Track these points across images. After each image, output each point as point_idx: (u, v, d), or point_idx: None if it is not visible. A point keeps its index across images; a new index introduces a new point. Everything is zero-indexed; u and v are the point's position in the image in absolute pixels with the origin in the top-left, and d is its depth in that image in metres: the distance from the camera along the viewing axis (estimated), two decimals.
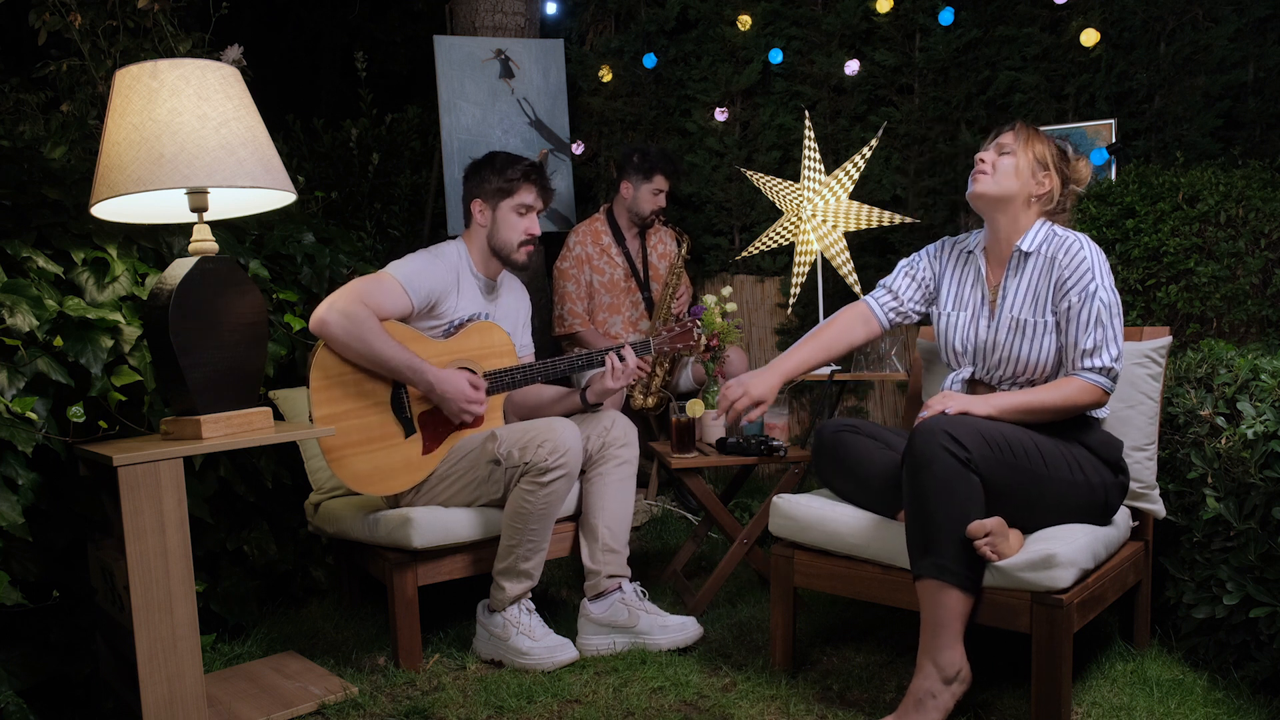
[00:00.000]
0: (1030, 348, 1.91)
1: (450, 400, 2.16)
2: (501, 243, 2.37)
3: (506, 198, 2.36)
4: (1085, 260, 1.86)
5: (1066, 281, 1.87)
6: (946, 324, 2.06)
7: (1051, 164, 1.96)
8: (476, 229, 2.39)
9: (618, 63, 4.23)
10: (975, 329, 2.00)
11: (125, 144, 1.72)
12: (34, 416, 1.83)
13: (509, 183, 2.36)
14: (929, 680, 1.69)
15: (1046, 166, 1.95)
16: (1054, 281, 1.89)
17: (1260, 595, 1.81)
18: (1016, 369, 1.94)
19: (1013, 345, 1.93)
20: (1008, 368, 1.95)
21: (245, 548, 2.40)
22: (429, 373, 2.14)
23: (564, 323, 3.47)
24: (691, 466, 2.43)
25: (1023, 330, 1.92)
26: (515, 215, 2.36)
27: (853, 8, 3.79)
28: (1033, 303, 1.92)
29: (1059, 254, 1.89)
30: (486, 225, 2.37)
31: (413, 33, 7.28)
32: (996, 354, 1.96)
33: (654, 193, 3.48)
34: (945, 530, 1.69)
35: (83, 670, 1.97)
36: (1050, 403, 1.83)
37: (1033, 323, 1.91)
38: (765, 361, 4.15)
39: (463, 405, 2.18)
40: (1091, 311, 1.83)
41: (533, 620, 2.16)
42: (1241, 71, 3.14)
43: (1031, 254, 1.94)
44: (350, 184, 4.33)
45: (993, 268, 2.02)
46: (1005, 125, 2.01)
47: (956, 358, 2.04)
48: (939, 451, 1.70)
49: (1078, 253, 1.87)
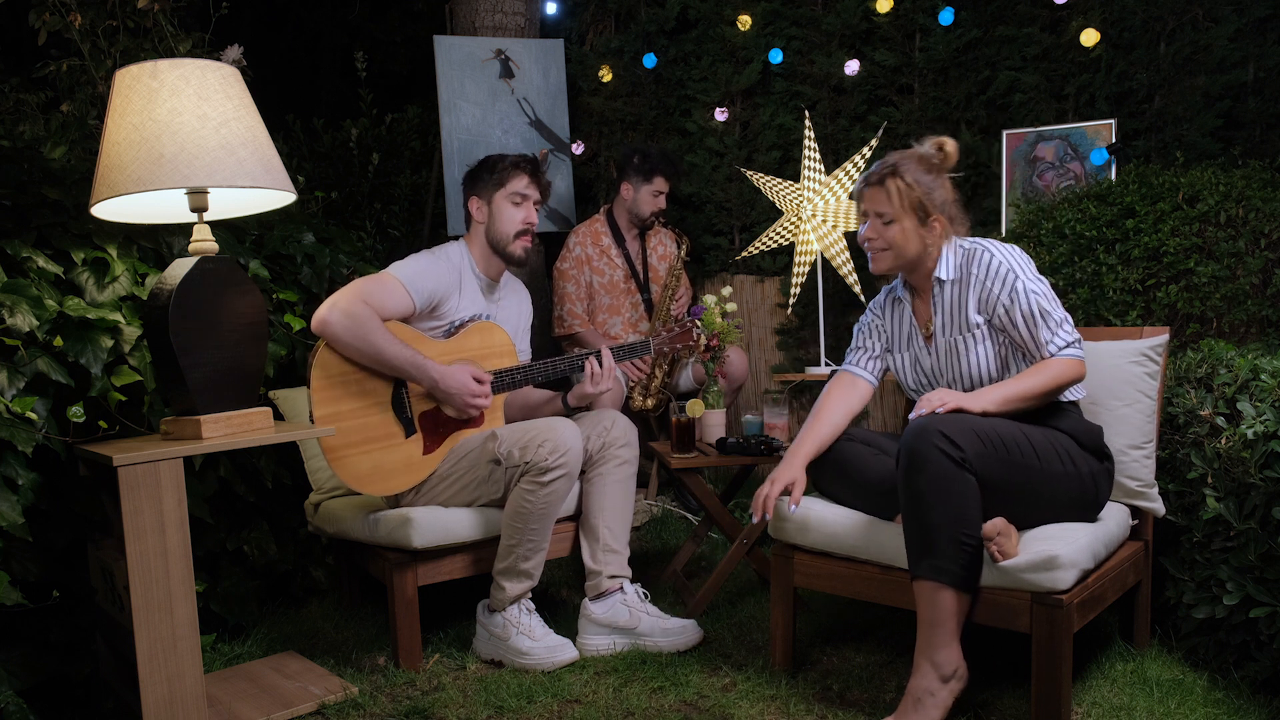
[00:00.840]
0: (968, 362, 1.94)
1: (454, 395, 2.16)
2: (499, 235, 2.36)
3: (499, 189, 2.37)
4: (1000, 264, 1.90)
5: (991, 291, 1.90)
6: (897, 367, 2.11)
7: (931, 204, 1.93)
8: (476, 227, 2.39)
9: (618, 63, 4.23)
10: (919, 364, 2.05)
11: (125, 144, 1.72)
12: (34, 416, 1.83)
13: (500, 173, 2.37)
14: (927, 679, 1.70)
15: (928, 211, 1.93)
16: (978, 297, 1.92)
17: (1260, 595, 1.81)
18: (966, 385, 1.97)
19: (954, 365, 1.97)
20: (958, 386, 1.98)
21: (245, 548, 2.40)
22: (432, 369, 2.14)
23: (564, 323, 3.47)
24: (691, 466, 2.43)
25: (955, 350, 1.95)
26: (510, 205, 2.36)
27: (853, 8, 3.79)
28: (956, 319, 1.95)
29: (974, 269, 1.93)
30: (484, 221, 2.38)
31: (413, 33, 7.28)
32: (943, 380, 2.00)
33: (654, 194, 3.48)
34: (941, 531, 1.69)
35: (83, 670, 1.97)
36: (1039, 387, 1.84)
37: (962, 339, 1.94)
38: (765, 361, 4.16)
39: (467, 400, 2.18)
40: (1030, 305, 1.86)
41: (533, 620, 2.16)
42: (1241, 71, 3.14)
43: (948, 279, 1.96)
44: (350, 184, 4.33)
45: (919, 303, 2.06)
46: (868, 178, 1.97)
47: (916, 393, 2.09)
48: (933, 452, 1.70)
49: (989, 260, 1.91)
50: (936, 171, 1.96)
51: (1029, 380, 1.86)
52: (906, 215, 1.93)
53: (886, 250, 1.96)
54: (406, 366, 2.12)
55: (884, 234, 1.96)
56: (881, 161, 1.97)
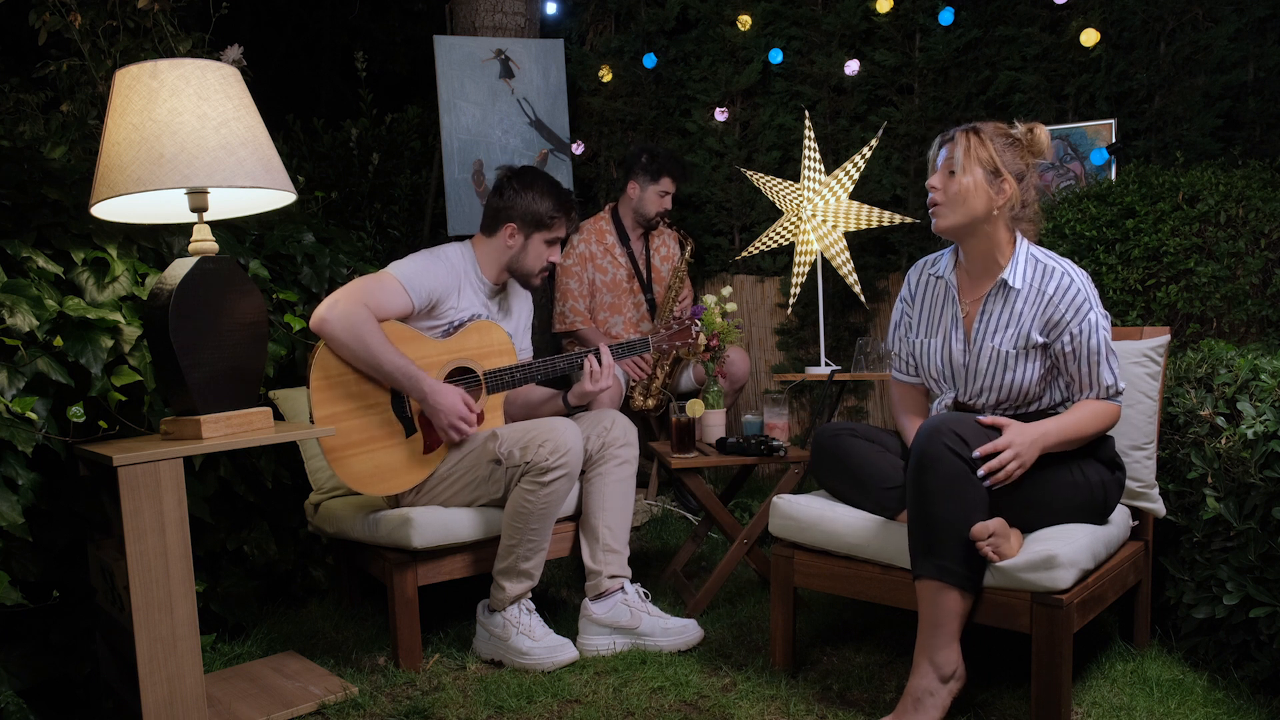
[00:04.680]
0: (1012, 376, 1.89)
1: (442, 413, 2.14)
2: (524, 269, 2.40)
3: (542, 231, 2.37)
4: (1079, 292, 1.83)
5: (1064, 316, 1.83)
6: (920, 350, 2.03)
7: (1004, 166, 1.85)
8: (500, 247, 2.38)
9: (618, 63, 4.23)
10: (948, 353, 1.97)
11: (125, 144, 1.72)
12: (34, 416, 1.83)
13: (550, 219, 2.37)
14: (926, 679, 1.70)
15: (999, 172, 1.85)
16: (1048, 319, 1.85)
17: (1260, 595, 1.81)
18: (1000, 396, 1.92)
19: (995, 375, 1.91)
20: (991, 395, 1.93)
21: (245, 548, 2.40)
22: (424, 381, 2.13)
23: (565, 319, 3.47)
24: (691, 466, 2.43)
25: (1004, 361, 1.89)
26: (544, 246, 2.39)
27: (853, 8, 3.79)
28: (1015, 334, 1.88)
29: (1048, 287, 1.85)
30: (514, 249, 2.38)
31: (413, 33, 7.28)
32: (978, 382, 1.93)
33: (660, 194, 3.48)
34: (949, 531, 1.68)
35: (83, 670, 1.97)
36: (1089, 431, 1.83)
37: (1015, 354, 1.88)
38: (765, 361, 4.16)
39: (453, 420, 2.15)
40: (1099, 341, 1.83)
41: (533, 620, 2.16)
42: (1241, 71, 3.14)
43: (1018, 288, 1.88)
44: (350, 184, 4.33)
45: (967, 289, 1.97)
46: (945, 135, 1.91)
47: (936, 384, 2.03)
48: (944, 452, 1.69)
49: (1069, 286, 1.83)
50: (1017, 148, 1.88)
51: (1083, 424, 1.82)
52: (974, 167, 1.84)
53: (946, 205, 1.86)
54: (398, 374, 2.11)
55: (948, 185, 1.87)
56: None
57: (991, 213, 1.86)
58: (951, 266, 2.00)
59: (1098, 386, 1.85)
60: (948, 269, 2.00)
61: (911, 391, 2.12)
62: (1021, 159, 1.88)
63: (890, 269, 3.87)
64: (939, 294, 2.02)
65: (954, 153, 1.87)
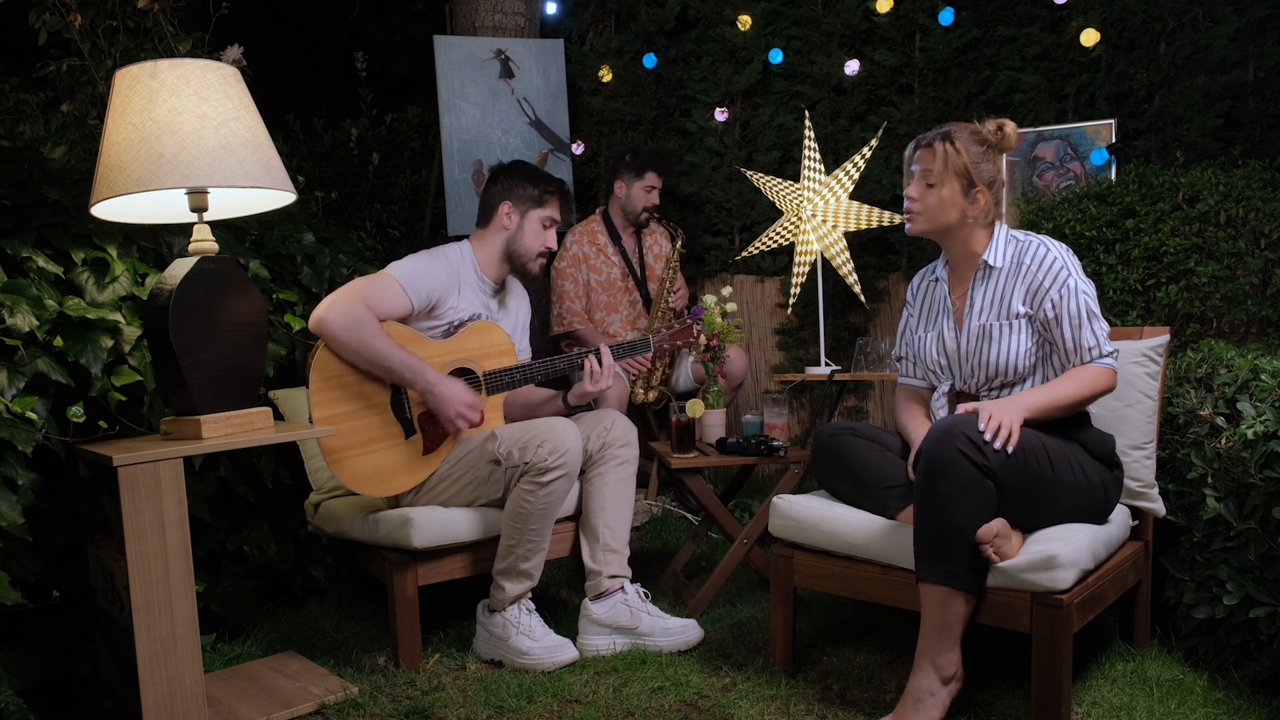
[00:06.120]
0: (998, 349, 1.91)
1: (447, 404, 2.15)
2: (523, 250, 2.40)
3: (537, 208, 2.40)
4: (1056, 259, 1.88)
5: (1042, 284, 1.88)
6: (919, 345, 2.09)
7: (978, 177, 1.91)
8: (497, 230, 2.40)
9: (618, 63, 4.23)
10: (942, 343, 2.02)
11: (125, 144, 1.72)
12: (34, 416, 1.83)
13: (544, 194, 2.40)
14: (927, 679, 1.70)
15: (973, 182, 1.91)
16: (1027, 287, 1.90)
17: (1260, 595, 1.81)
18: (989, 373, 1.94)
19: (981, 351, 1.94)
20: (980, 374, 1.95)
21: (245, 548, 2.40)
22: (428, 374, 2.14)
23: (563, 321, 3.48)
24: (691, 466, 2.43)
25: (988, 335, 1.93)
26: (540, 226, 2.41)
27: (853, 8, 3.79)
28: (997, 306, 1.93)
29: (1025, 258, 1.91)
30: (511, 229, 2.39)
31: (413, 33, 7.28)
32: (968, 363, 1.97)
33: (646, 190, 3.50)
34: (959, 536, 1.68)
35: (83, 670, 1.97)
36: (1074, 395, 1.83)
37: (998, 326, 1.92)
38: (765, 361, 4.16)
39: (459, 410, 2.16)
40: (1079, 305, 1.85)
41: (533, 620, 2.16)
42: (1241, 71, 3.14)
43: (999, 266, 1.94)
44: (350, 184, 4.33)
45: (955, 282, 2.04)
46: (922, 140, 1.96)
47: (935, 375, 2.06)
48: (957, 456, 1.68)
49: (1045, 255, 1.89)
50: (989, 148, 1.94)
51: (1064, 387, 1.83)
52: (951, 180, 1.92)
53: (921, 213, 1.95)
54: (401, 369, 2.11)
55: (925, 196, 1.94)
56: (938, 126, 1.97)
57: (966, 221, 1.95)
58: (944, 265, 2.07)
59: (1082, 350, 1.86)
60: (941, 269, 2.07)
61: (915, 394, 2.15)
62: (994, 164, 1.95)
63: (890, 269, 3.87)
64: (934, 293, 2.09)
65: (931, 164, 1.93)
